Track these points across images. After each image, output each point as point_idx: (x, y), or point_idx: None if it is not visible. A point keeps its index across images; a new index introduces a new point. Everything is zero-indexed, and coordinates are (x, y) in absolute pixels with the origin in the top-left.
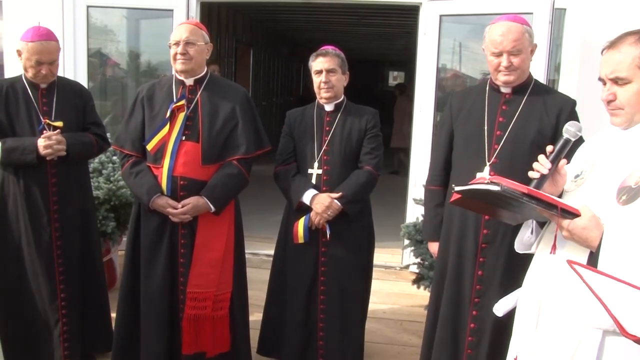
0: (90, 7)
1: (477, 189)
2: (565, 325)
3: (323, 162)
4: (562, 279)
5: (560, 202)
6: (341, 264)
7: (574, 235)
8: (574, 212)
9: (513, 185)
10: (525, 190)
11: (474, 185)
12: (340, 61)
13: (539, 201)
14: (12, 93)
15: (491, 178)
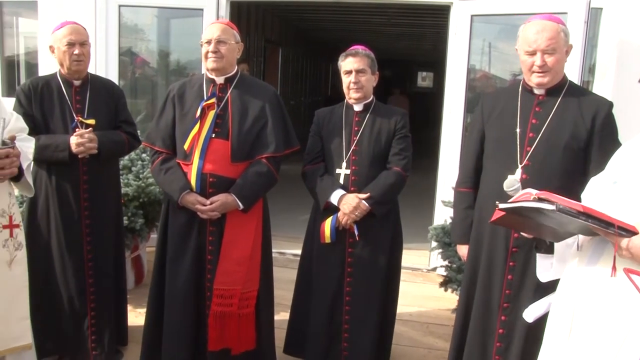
0: (122, 6)
1: (525, 206)
2: (602, 338)
3: (351, 162)
4: (603, 290)
5: (617, 220)
6: (368, 265)
7: (634, 254)
8: (631, 229)
9: (567, 202)
10: (580, 209)
11: (522, 203)
12: (370, 61)
13: (595, 219)
14: (47, 90)
15: (538, 194)
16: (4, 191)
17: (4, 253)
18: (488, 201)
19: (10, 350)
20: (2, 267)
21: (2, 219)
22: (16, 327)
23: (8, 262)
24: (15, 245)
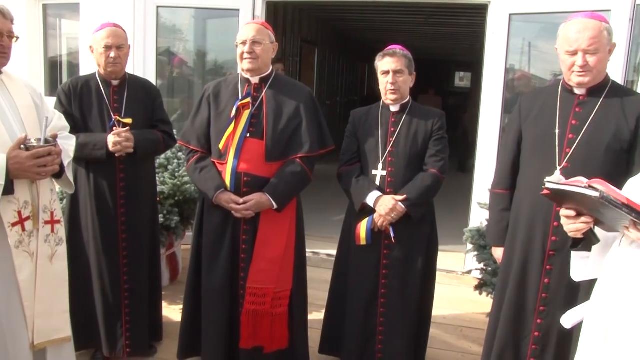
0: (160, 7)
1: (571, 190)
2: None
3: (387, 163)
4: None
5: None
6: (403, 267)
7: None
8: None
9: (614, 193)
10: (625, 200)
11: (569, 187)
12: (407, 62)
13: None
14: (86, 90)
15: (589, 182)
16: (46, 188)
17: (46, 248)
18: (524, 203)
19: (51, 342)
20: (44, 262)
21: (44, 214)
22: (57, 320)
23: (50, 256)
24: (57, 240)
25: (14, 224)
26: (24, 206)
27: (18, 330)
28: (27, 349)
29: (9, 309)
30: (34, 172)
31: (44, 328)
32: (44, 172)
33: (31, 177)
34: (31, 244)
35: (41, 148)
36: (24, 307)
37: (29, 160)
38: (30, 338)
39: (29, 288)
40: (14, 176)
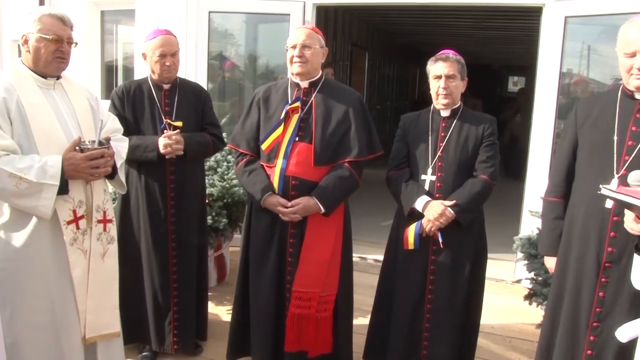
0: (212, 12)
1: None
2: None
3: (437, 168)
4: None
5: None
6: (451, 273)
7: None
8: None
9: None
10: None
11: (627, 198)
12: (460, 67)
13: None
14: (139, 94)
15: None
16: (99, 188)
17: (98, 246)
18: (579, 212)
19: (101, 337)
20: (96, 259)
21: (97, 214)
22: (107, 316)
23: (101, 254)
24: (108, 239)
25: (69, 222)
26: (78, 205)
27: (71, 324)
28: (79, 342)
29: (63, 303)
30: (87, 173)
31: (94, 323)
32: (96, 173)
33: (85, 177)
34: (84, 241)
35: (94, 150)
36: (77, 302)
37: (83, 161)
38: (82, 332)
39: (82, 284)
40: (69, 176)
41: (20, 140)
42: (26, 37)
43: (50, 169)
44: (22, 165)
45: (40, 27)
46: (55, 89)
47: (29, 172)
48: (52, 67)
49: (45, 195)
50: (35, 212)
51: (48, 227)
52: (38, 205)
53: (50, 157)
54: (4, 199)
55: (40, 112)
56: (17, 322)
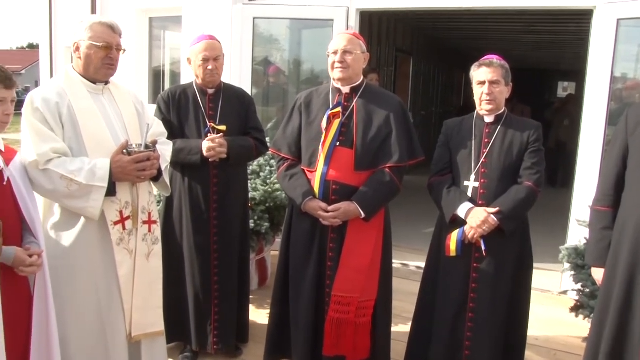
0: (256, 18)
1: None
2: None
3: (480, 174)
4: None
5: None
6: (493, 282)
7: None
8: None
9: None
10: None
11: None
12: (504, 72)
13: None
14: (184, 98)
15: None
16: (145, 190)
17: (143, 246)
18: (629, 222)
19: (146, 335)
20: (141, 260)
21: (142, 215)
22: (152, 315)
23: (146, 254)
24: (153, 239)
25: (116, 222)
26: (125, 206)
27: (117, 322)
28: (123, 340)
29: (109, 302)
30: (134, 175)
31: (140, 322)
32: (143, 175)
33: (131, 180)
34: (130, 242)
35: (141, 153)
36: (123, 301)
37: (130, 164)
38: (128, 330)
39: (128, 283)
40: (117, 179)
41: (70, 143)
42: (78, 44)
43: (99, 172)
44: (73, 168)
45: (91, 35)
46: (104, 94)
47: (79, 174)
48: (101, 73)
49: (94, 196)
50: (85, 213)
51: (96, 227)
52: (87, 206)
53: (99, 160)
54: (56, 199)
55: (89, 116)
56: (65, 319)
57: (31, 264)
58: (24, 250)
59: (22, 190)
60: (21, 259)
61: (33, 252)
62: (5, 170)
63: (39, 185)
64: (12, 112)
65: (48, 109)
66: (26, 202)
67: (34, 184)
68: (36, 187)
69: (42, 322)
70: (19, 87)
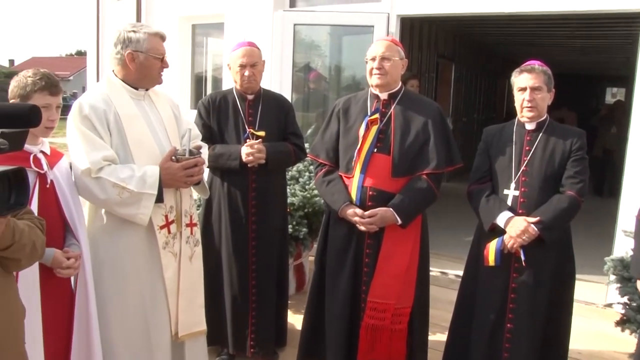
0: (297, 25)
1: None
2: None
3: (521, 183)
4: None
5: None
6: (533, 293)
7: None
8: None
9: None
10: None
11: None
12: (546, 78)
13: None
14: (224, 104)
15: None
16: (186, 194)
17: (187, 248)
18: None
19: (191, 335)
20: (185, 261)
21: (185, 218)
22: (196, 314)
23: (189, 256)
24: (194, 241)
25: (162, 226)
26: (169, 211)
27: (161, 324)
28: (167, 341)
29: (154, 304)
30: (183, 181)
31: (186, 321)
32: (190, 181)
33: (180, 185)
34: (175, 245)
35: (190, 160)
36: (168, 303)
37: (180, 170)
38: (174, 330)
39: (173, 285)
40: (166, 185)
41: (117, 149)
42: (133, 55)
43: (149, 179)
44: (124, 176)
45: (149, 47)
46: (145, 100)
47: (130, 182)
48: (156, 81)
49: (144, 203)
50: (135, 219)
51: (142, 232)
52: (138, 213)
53: (149, 168)
54: (108, 208)
55: (134, 122)
56: (110, 321)
57: (68, 266)
58: (63, 252)
59: (65, 193)
60: (59, 261)
61: (71, 254)
62: (49, 173)
63: (91, 194)
64: (57, 117)
65: (96, 116)
66: (69, 205)
67: (87, 192)
68: (89, 196)
69: (83, 322)
70: (67, 93)
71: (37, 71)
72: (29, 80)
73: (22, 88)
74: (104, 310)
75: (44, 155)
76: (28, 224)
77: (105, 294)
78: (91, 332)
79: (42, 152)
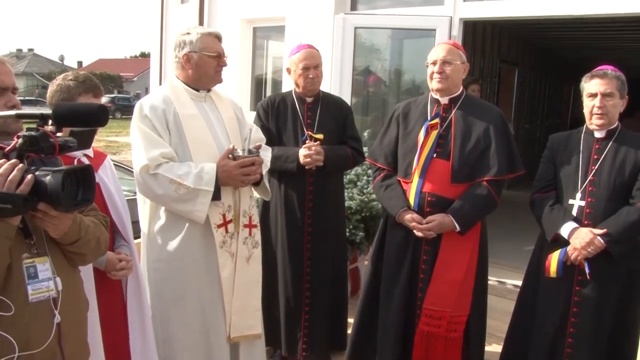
0: (358, 28)
1: None
2: None
3: (587, 193)
4: None
5: None
6: (597, 308)
7: None
8: None
9: None
10: None
11: None
12: (619, 84)
13: None
14: (283, 106)
15: None
16: (246, 194)
17: (244, 249)
18: None
19: (244, 337)
20: (242, 262)
21: (243, 218)
22: (251, 317)
23: (247, 258)
24: (253, 243)
25: (219, 225)
26: (227, 210)
27: (218, 324)
28: (224, 341)
29: (212, 303)
30: (239, 180)
31: (239, 324)
32: (247, 180)
33: (236, 184)
34: (232, 244)
35: (246, 158)
36: (224, 303)
37: (236, 169)
38: (227, 331)
39: (229, 285)
40: (222, 183)
41: (176, 148)
42: (189, 56)
43: (206, 176)
44: (181, 172)
45: (203, 46)
46: (206, 101)
47: (187, 178)
48: (214, 80)
49: (201, 200)
50: (191, 216)
51: (200, 230)
52: (194, 209)
53: (206, 165)
54: (165, 204)
55: (193, 122)
56: (170, 320)
57: (122, 267)
58: (115, 254)
59: (112, 195)
60: (112, 263)
61: (123, 257)
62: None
63: (149, 190)
64: None
65: (156, 116)
66: (117, 206)
67: (145, 188)
68: (147, 192)
69: (136, 324)
70: (131, 94)
71: (78, 74)
72: (72, 83)
73: (66, 92)
74: (165, 309)
75: (88, 159)
76: (93, 221)
77: (163, 293)
78: (146, 332)
79: (85, 155)
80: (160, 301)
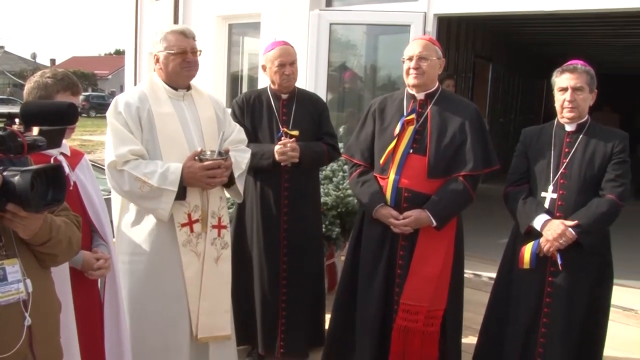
0: (333, 24)
1: None
2: None
3: (559, 185)
4: None
5: None
6: (569, 297)
7: None
8: None
9: None
10: None
11: None
12: (589, 78)
13: None
14: (258, 103)
15: None
16: (215, 195)
17: (212, 250)
18: None
19: (213, 338)
20: (210, 264)
21: (212, 219)
22: (220, 318)
23: (215, 259)
24: (222, 244)
25: (183, 224)
26: (194, 210)
27: (180, 323)
28: (186, 339)
29: (175, 301)
30: (203, 182)
31: (207, 324)
32: (212, 182)
33: (201, 186)
34: (199, 245)
35: (212, 161)
36: (189, 302)
37: (201, 171)
38: (195, 331)
39: (194, 285)
40: (188, 184)
41: (147, 145)
42: (157, 56)
43: (171, 176)
44: (147, 170)
45: (166, 45)
46: (185, 100)
47: (152, 177)
48: (182, 76)
49: (164, 199)
50: (155, 213)
51: (166, 228)
52: (158, 207)
53: (172, 165)
54: (131, 200)
55: (167, 121)
56: (133, 313)
57: (99, 267)
58: (92, 254)
59: (89, 194)
60: (89, 263)
61: (100, 255)
62: (71, 174)
63: (117, 185)
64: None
65: (129, 112)
66: (94, 205)
67: (113, 182)
68: (115, 187)
69: (113, 323)
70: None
71: (57, 71)
72: (50, 81)
73: (43, 89)
74: (129, 302)
75: (65, 157)
76: (65, 221)
77: (130, 287)
78: (121, 331)
79: (62, 153)
80: (125, 295)
